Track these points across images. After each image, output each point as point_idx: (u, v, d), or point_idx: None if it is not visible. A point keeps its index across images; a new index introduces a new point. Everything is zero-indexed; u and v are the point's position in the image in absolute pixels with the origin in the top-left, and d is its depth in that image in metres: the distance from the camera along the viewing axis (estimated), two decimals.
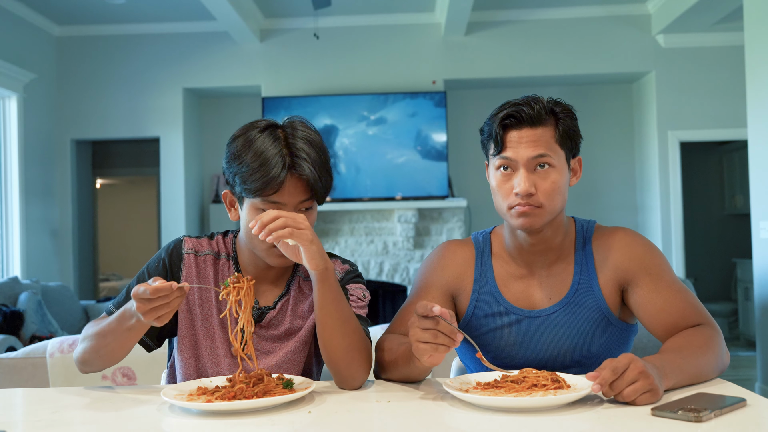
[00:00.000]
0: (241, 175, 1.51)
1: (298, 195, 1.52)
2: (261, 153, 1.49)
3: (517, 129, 1.56)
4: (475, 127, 7.03)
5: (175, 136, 6.70)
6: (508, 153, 1.57)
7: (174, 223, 6.71)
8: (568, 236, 1.67)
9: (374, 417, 1.31)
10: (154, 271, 1.64)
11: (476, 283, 1.68)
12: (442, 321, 1.31)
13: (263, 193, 1.50)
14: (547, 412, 1.25)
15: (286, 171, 1.49)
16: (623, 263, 1.62)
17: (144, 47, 6.74)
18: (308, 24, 6.55)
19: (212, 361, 1.61)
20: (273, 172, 1.47)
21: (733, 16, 5.88)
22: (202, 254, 1.66)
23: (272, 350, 1.61)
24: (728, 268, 8.25)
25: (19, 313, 4.92)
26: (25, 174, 6.15)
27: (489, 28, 6.60)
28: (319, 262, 1.44)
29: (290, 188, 1.50)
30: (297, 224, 1.40)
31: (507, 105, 1.60)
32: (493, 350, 1.66)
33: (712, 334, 1.51)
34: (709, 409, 1.18)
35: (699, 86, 6.53)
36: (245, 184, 1.51)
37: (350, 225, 6.56)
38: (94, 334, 1.54)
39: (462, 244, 1.75)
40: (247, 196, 1.53)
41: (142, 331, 1.48)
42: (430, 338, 1.32)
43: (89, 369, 1.58)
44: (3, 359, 2.59)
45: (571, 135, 1.59)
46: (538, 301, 1.64)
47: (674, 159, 6.52)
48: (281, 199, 1.51)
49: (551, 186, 1.55)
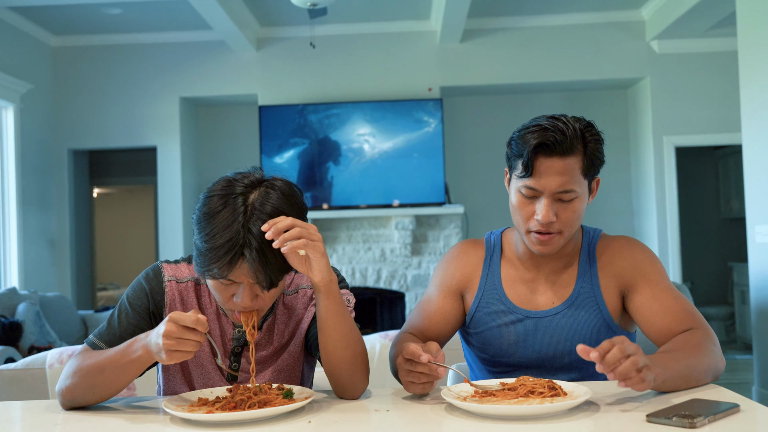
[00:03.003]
0: (197, 256, 1.45)
1: (255, 276, 1.41)
2: (219, 236, 1.39)
3: (547, 156, 1.55)
4: (472, 134, 7.07)
5: (172, 145, 6.71)
6: (535, 183, 1.56)
7: (171, 232, 6.72)
8: (575, 242, 1.73)
9: (374, 426, 1.33)
10: (136, 301, 1.58)
11: (482, 281, 1.75)
12: (427, 365, 1.42)
13: (211, 276, 1.44)
14: (544, 420, 1.26)
15: (239, 258, 1.39)
16: (624, 270, 1.67)
17: (140, 57, 6.76)
18: (304, 32, 6.57)
19: (200, 373, 1.62)
20: (225, 260, 1.39)
21: (726, 21, 5.91)
22: (182, 281, 1.62)
23: (263, 370, 1.61)
24: (724, 271, 8.27)
25: (17, 324, 4.92)
26: (23, 184, 6.15)
27: (484, 36, 6.63)
28: (326, 275, 1.44)
29: (245, 270, 1.41)
30: (311, 236, 1.39)
31: (537, 127, 1.56)
32: (494, 347, 1.72)
33: (704, 337, 1.54)
34: (703, 415, 1.19)
35: (694, 91, 6.56)
36: (197, 266, 1.46)
37: (348, 232, 6.58)
38: (86, 367, 1.46)
39: (475, 245, 1.83)
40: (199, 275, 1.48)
41: (146, 363, 1.42)
42: (415, 379, 1.45)
43: (77, 404, 1.49)
44: (2, 371, 2.59)
45: (595, 163, 1.60)
46: (540, 303, 1.70)
47: (670, 164, 6.55)
48: (235, 277, 1.42)
49: (572, 215, 1.60)
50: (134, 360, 1.41)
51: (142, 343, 1.40)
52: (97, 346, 1.55)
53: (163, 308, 1.60)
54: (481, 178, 6.90)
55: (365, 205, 6.47)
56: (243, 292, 1.44)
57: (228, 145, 7.15)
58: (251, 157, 6.96)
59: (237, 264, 1.39)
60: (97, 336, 1.57)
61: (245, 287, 1.44)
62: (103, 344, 1.55)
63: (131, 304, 1.58)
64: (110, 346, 1.53)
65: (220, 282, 1.44)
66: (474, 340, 1.77)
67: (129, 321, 1.56)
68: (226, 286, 1.45)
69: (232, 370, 1.60)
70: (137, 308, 1.58)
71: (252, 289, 1.44)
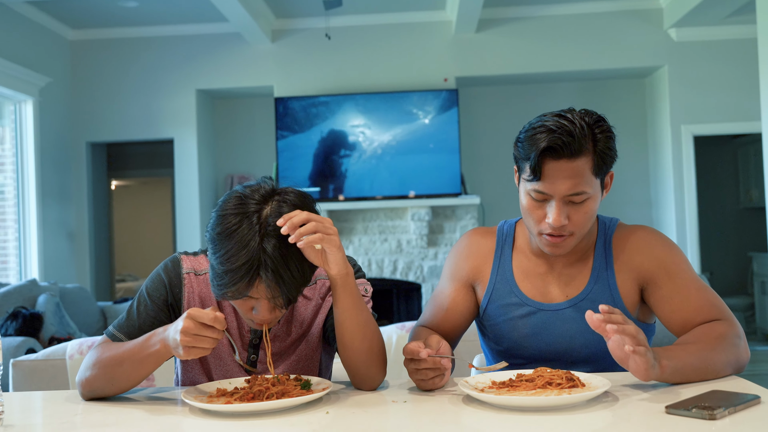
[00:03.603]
0: (213, 278, 1.44)
1: (270, 293, 1.41)
2: (234, 260, 1.38)
3: (555, 159, 1.49)
4: (487, 124, 7.05)
5: (189, 137, 6.74)
6: (544, 187, 1.52)
7: (188, 224, 6.75)
8: (590, 235, 1.68)
9: (391, 417, 1.33)
10: (154, 292, 1.59)
11: (493, 273, 1.72)
12: (430, 359, 1.43)
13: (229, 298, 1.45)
14: (561, 411, 1.26)
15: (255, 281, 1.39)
16: (642, 263, 1.62)
17: (157, 49, 6.78)
18: (320, 24, 6.56)
19: (218, 365, 1.63)
20: (241, 286, 1.39)
21: (745, 9, 5.84)
22: (201, 273, 1.63)
23: (281, 360, 1.62)
24: (744, 262, 8.20)
25: (38, 315, 4.97)
26: (42, 177, 6.20)
27: (500, 25, 6.59)
28: (342, 268, 1.43)
29: (261, 290, 1.41)
30: (326, 230, 1.38)
31: (544, 128, 1.50)
32: (507, 340, 1.70)
33: (727, 329, 1.50)
34: (723, 407, 1.18)
35: (712, 80, 6.50)
36: (214, 288, 1.45)
37: (364, 224, 6.58)
38: (106, 360, 1.47)
39: (485, 234, 1.79)
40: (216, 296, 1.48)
41: (164, 358, 1.43)
42: (422, 376, 1.45)
43: (97, 395, 1.50)
44: (24, 361, 2.62)
45: (607, 161, 1.54)
46: (554, 296, 1.67)
47: (688, 153, 6.49)
48: (253, 294, 1.42)
49: (584, 216, 1.55)
50: (152, 354, 1.43)
51: (160, 337, 1.42)
52: (117, 337, 1.56)
53: (181, 300, 1.60)
54: (497, 169, 6.86)
55: (381, 196, 6.47)
56: (261, 307, 1.45)
57: (244, 137, 7.17)
58: (267, 148, 6.98)
59: (254, 285, 1.40)
60: (117, 327, 1.58)
61: (263, 303, 1.44)
62: (122, 335, 1.56)
63: (150, 295, 1.59)
64: (130, 338, 1.55)
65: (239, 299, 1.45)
66: (488, 332, 1.75)
67: (148, 313, 1.58)
68: (244, 300, 1.45)
69: (249, 365, 1.61)
70: (156, 300, 1.59)
71: (269, 304, 1.45)
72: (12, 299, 5.16)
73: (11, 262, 6.09)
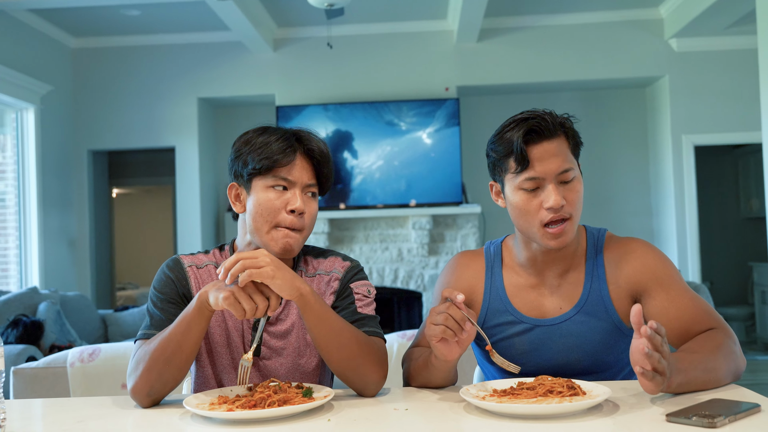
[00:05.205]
0: (252, 154, 1.58)
1: (306, 176, 1.60)
2: (272, 133, 1.61)
3: (537, 143, 1.56)
4: (489, 133, 6.98)
5: (190, 145, 6.75)
6: (535, 171, 1.55)
7: (189, 232, 6.76)
8: (579, 245, 1.68)
9: (392, 424, 1.33)
10: (165, 289, 1.62)
11: (486, 293, 1.71)
12: (455, 307, 1.41)
13: (275, 168, 1.57)
14: (563, 419, 1.26)
15: (297, 148, 1.60)
16: (635, 275, 1.63)
17: (159, 58, 6.80)
18: (321, 33, 6.58)
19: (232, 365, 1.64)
20: (285, 146, 1.58)
21: (746, 19, 5.86)
22: (202, 266, 1.68)
23: (283, 346, 1.63)
24: (745, 271, 8.19)
25: (39, 323, 4.97)
26: (43, 185, 6.21)
27: (501, 35, 6.61)
28: (291, 292, 1.43)
29: (300, 167, 1.59)
30: (256, 264, 1.39)
31: (516, 122, 1.60)
32: (505, 357, 1.68)
33: (724, 338, 1.52)
34: (723, 415, 1.18)
35: (713, 90, 6.51)
36: (256, 161, 1.56)
37: (365, 232, 6.58)
38: (152, 350, 1.47)
39: (474, 256, 1.78)
40: (257, 176, 1.58)
41: (206, 314, 1.45)
42: (441, 320, 1.42)
43: (156, 391, 1.47)
44: (24, 369, 2.62)
45: (578, 143, 1.63)
46: (548, 310, 1.66)
47: (688, 163, 6.50)
48: (291, 176, 1.58)
49: (577, 196, 1.58)
50: (193, 315, 1.45)
51: (194, 302, 1.45)
52: (149, 335, 1.57)
53: (189, 292, 1.64)
54: None
55: (382, 204, 6.48)
56: (297, 196, 1.57)
57: None
58: None
59: (294, 158, 1.58)
60: (146, 328, 1.59)
61: (298, 191, 1.58)
62: (154, 331, 1.57)
63: (162, 292, 1.62)
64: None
65: (274, 188, 1.57)
66: (485, 350, 1.75)
67: (167, 308, 1.60)
68: (279, 193, 1.57)
69: (254, 353, 1.61)
70: (169, 295, 1.62)
71: (304, 193, 1.59)
72: (13, 307, 5.17)
73: (12, 269, 6.10)
